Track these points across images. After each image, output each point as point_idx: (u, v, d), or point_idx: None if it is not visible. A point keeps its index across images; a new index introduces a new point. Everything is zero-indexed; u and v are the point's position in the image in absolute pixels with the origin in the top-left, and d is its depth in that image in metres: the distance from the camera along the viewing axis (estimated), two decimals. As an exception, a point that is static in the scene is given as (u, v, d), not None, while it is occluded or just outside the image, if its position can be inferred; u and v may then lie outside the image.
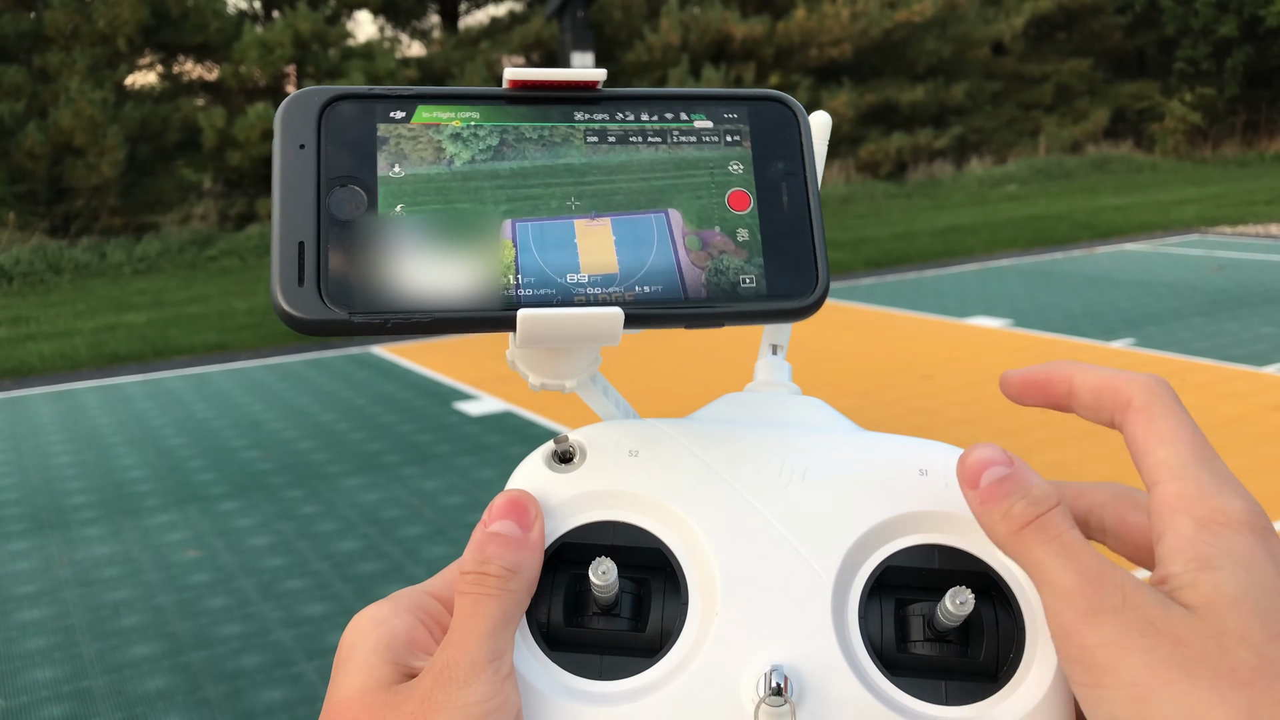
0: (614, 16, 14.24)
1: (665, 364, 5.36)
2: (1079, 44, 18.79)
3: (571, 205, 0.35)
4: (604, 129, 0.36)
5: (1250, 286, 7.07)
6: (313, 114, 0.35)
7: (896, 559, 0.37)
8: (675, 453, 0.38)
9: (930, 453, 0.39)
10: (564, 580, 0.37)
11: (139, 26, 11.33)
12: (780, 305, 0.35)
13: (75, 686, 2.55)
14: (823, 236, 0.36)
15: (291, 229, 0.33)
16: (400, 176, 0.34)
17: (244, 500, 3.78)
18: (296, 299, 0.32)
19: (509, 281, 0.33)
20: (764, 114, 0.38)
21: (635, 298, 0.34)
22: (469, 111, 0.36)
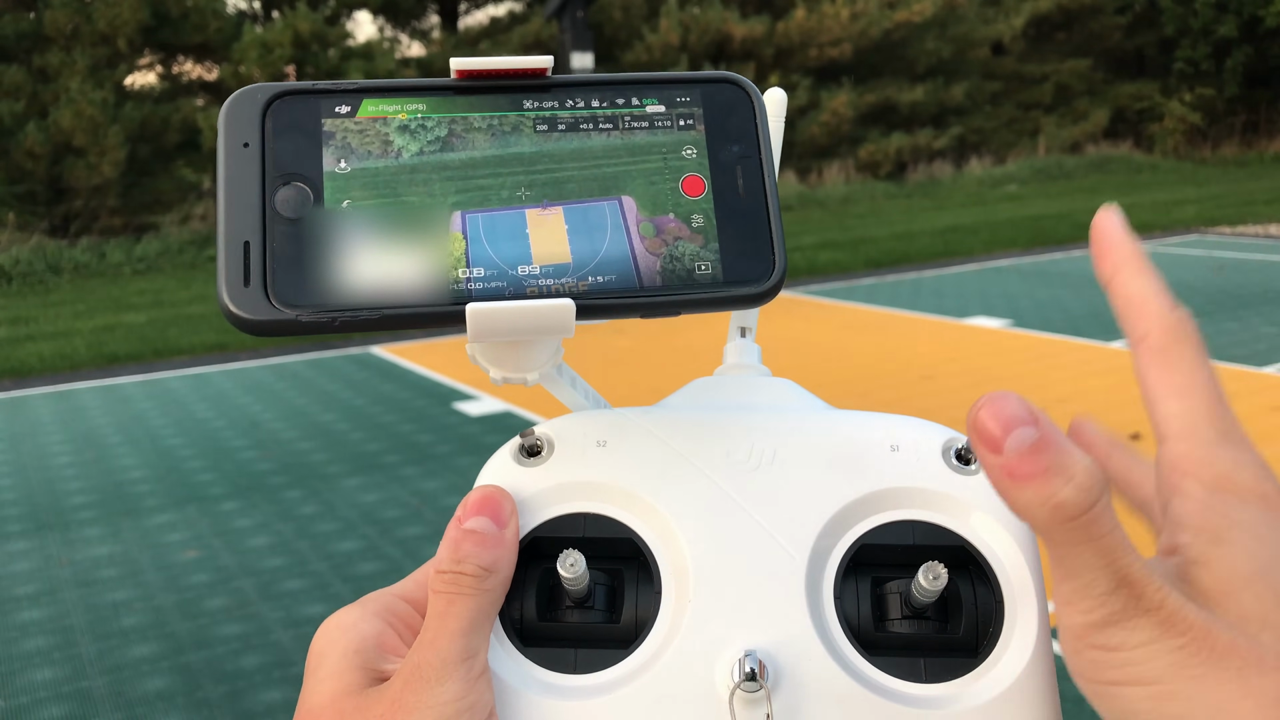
0: (613, 16, 14.24)
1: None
2: (1079, 44, 18.79)
3: (522, 195, 0.34)
4: (554, 116, 0.36)
5: (1250, 287, 7.07)
6: (256, 112, 0.34)
7: (871, 537, 0.36)
8: (643, 441, 0.38)
9: (901, 427, 0.38)
10: (536, 575, 0.36)
11: (139, 27, 11.33)
12: (737, 291, 0.34)
13: (75, 687, 2.55)
14: (779, 220, 0.36)
15: (236, 229, 0.33)
16: (347, 172, 0.34)
17: (244, 500, 3.78)
18: (242, 300, 0.32)
19: (459, 275, 0.33)
20: (717, 96, 0.37)
21: (589, 288, 0.33)
22: (415, 103, 0.35)
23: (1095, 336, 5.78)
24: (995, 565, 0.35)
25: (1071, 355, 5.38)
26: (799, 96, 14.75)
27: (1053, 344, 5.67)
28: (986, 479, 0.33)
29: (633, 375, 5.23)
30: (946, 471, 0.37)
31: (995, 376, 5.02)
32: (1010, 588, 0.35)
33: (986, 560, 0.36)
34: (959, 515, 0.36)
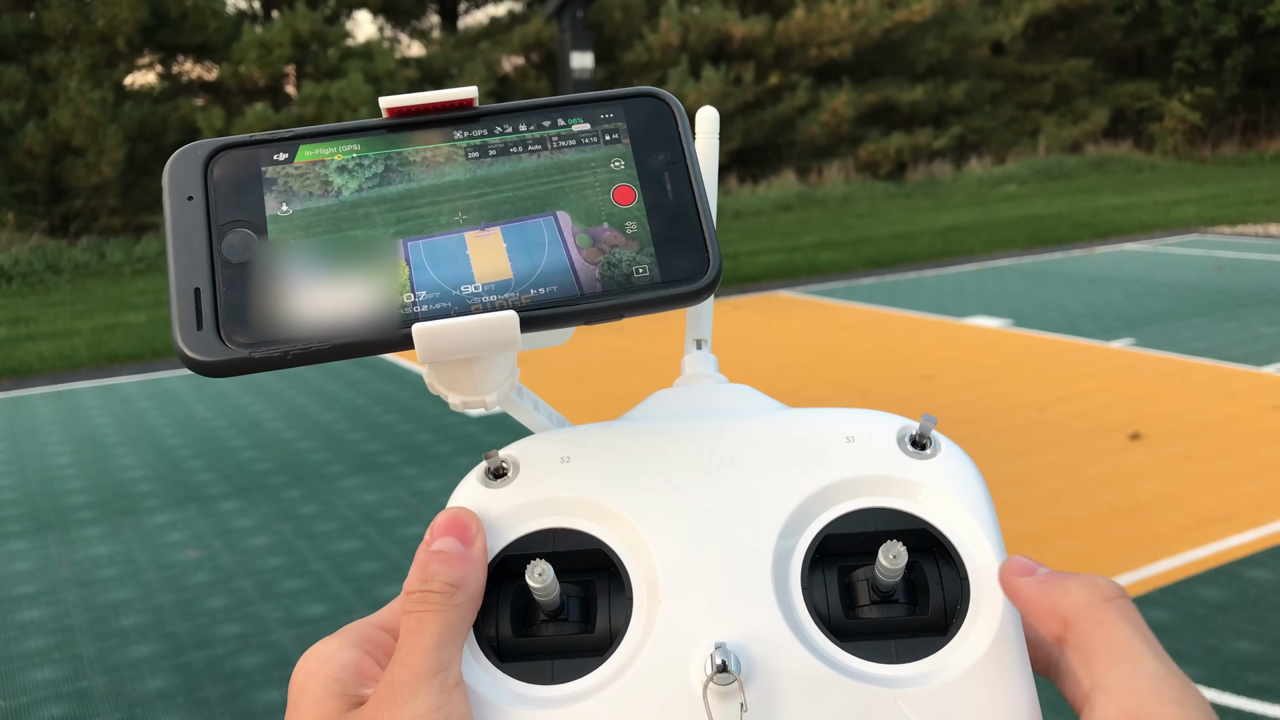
0: (614, 16, 14.24)
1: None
2: (1078, 44, 18.79)
3: (460, 219, 0.36)
4: (484, 143, 0.37)
5: (1249, 286, 7.07)
6: (198, 166, 0.36)
7: (835, 527, 0.37)
8: (606, 454, 0.39)
9: (855, 420, 0.40)
10: (509, 593, 0.37)
11: (138, 26, 11.33)
12: (675, 290, 0.35)
13: (75, 687, 2.55)
14: (711, 220, 0.37)
15: (186, 277, 0.34)
16: (289, 214, 0.35)
17: (243, 500, 3.78)
18: (196, 343, 0.33)
19: (405, 300, 0.34)
20: (639, 110, 0.38)
21: (531, 300, 0.34)
22: (350, 144, 0.37)
23: (1095, 336, 5.78)
24: (957, 543, 0.37)
25: (1071, 355, 5.38)
26: (799, 96, 14.75)
27: (1053, 344, 5.67)
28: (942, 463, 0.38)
29: (632, 375, 5.23)
30: (903, 458, 0.38)
31: (995, 376, 5.02)
32: (974, 565, 0.36)
33: (949, 539, 0.37)
34: (918, 499, 0.38)
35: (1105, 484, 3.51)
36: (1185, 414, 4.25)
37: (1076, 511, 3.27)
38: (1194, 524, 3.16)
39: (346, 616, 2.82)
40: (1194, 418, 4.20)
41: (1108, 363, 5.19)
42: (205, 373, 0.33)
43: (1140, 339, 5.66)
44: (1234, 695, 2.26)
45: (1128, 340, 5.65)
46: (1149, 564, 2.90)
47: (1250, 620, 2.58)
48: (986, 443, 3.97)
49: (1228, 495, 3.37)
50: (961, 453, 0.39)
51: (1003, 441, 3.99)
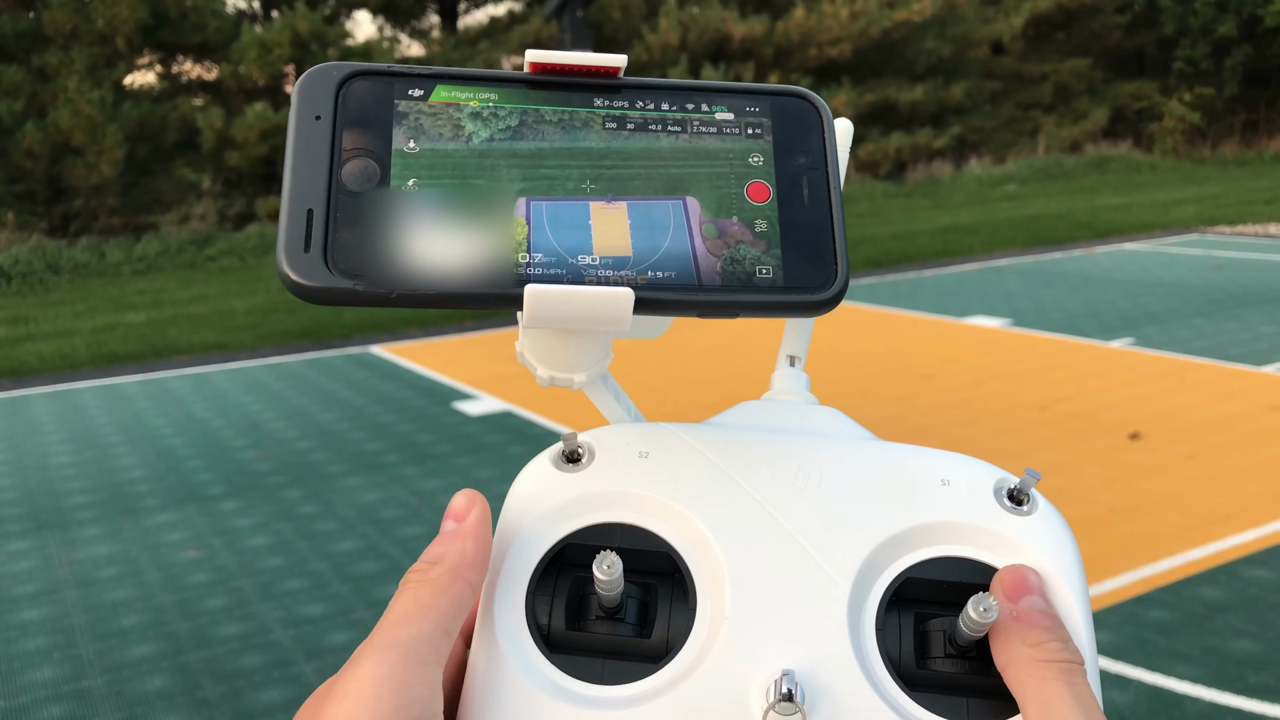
0: (613, 16, 14.23)
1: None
2: (1078, 44, 18.78)
3: (587, 187, 0.35)
4: (624, 116, 0.36)
5: (1249, 286, 7.07)
6: (330, 88, 0.34)
7: (917, 571, 0.35)
8: (686, 456, 0.38)
9: (952, 463, 0.38)
10: (567, 582, 0.36)
11: (138, 26, 11.32)
12: (797, 298, 0.34)
13: (75, 687, 2.54)
14: (843, 232, 0.36)
15: (301, 196, 0.33)
16: (415, 151, 0.34)
17: (243, 500, 3.78)
18: (301, 265, 0.32)
19: (519, 259, 0.33)
20: (787, 109, 0.37)
21: (648, 282, 0.33)
22: (488, 92, 0.35)
23: (1095, 336, 5.78)
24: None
25: (1071, 355, 5.38)
26: (798, 96, 14.73)
27: (1052, 343, 5.67)
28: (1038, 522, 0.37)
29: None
30: (998, 510, 0.36)
31: (995, 376, 5.02)
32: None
33: None
34: (1009, 555, 0.36)
35: (1105, 484, 3.51)
36: (1185, 414, 4.25)
37: (1076, 511, 3.28)
38: (1194, 524, 3.16)
39: (346, 616, 2.82)
40: (1194, 417, 4.20)
41: (1107, 362, 5.19)
42: (305, 297, 0.32)
43: (1140, 339, 5.66)
44: (1234, 695, 2.26)
45: (1127, 340, 5.65)
46: (1149, 563, 2.90)
47: (1250, 620, 2.58)
48: (986, 443, 3.97)
49: (1227, 495, 3.37)
50: (1059, 516, 0.37)
51: (1002, 441, 3.99)
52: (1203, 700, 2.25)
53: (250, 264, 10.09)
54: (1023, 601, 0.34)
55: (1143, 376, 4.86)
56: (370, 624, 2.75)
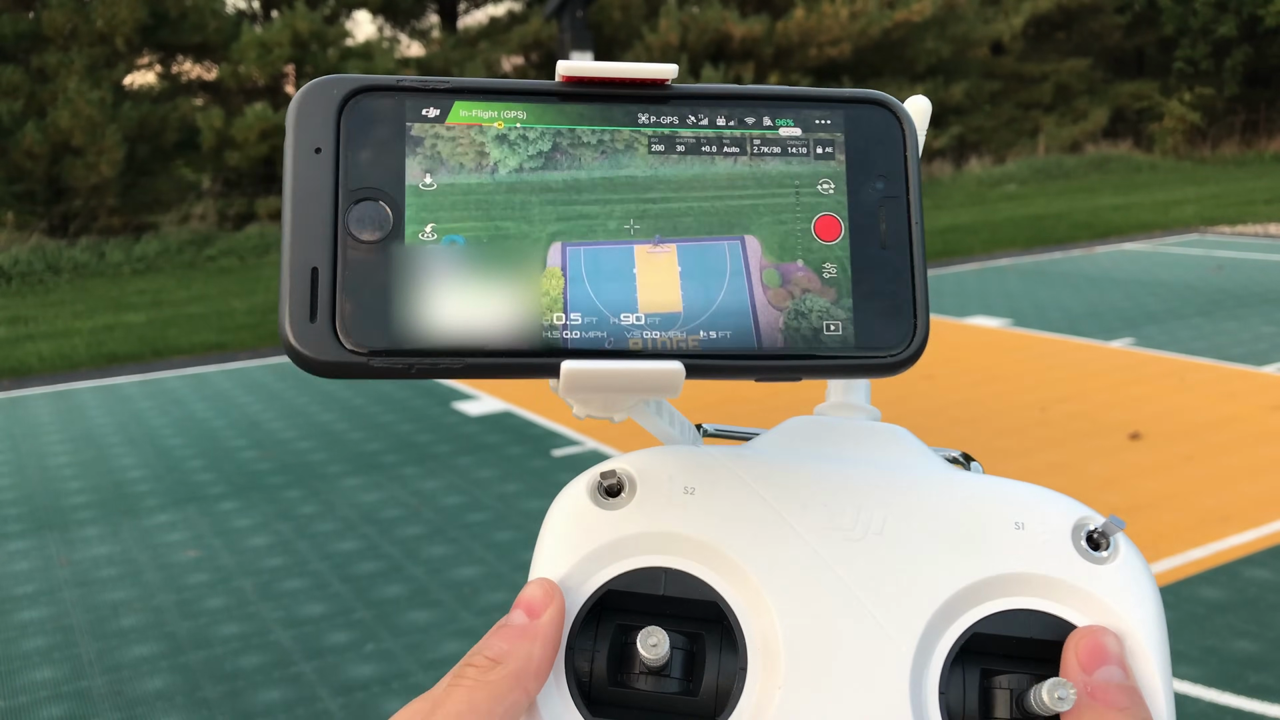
0: (613, 16, 14.23)
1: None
2: (1078, 44, 18.78)
3: (631, 228, 0.30)
4: (672, 135, 0.31)
5: (1249, 286, 7.07)
6: (331, 110, 0.29)
7: (985, 625, 0.32)
8: (736, 492, 0.34)
9: (1028, 501, 0.34)
10: (609, 631, 0.33)
11: (137, 26, 11.32)
12: (869, 359, 0.30)
13: (74, 687, 2.54)
14: (925, 277, 0.31)
15: (303, 251, 0.28)
16: (433, 188, 0.29)
17: (243, 500, 3.78)
18: (307, 336, 0.28)
19: (554, 320, 0.29)
20: (862, 120, 0.31)
21: (700, 344, 0.29)
22: (515, 109, 0.30)
23: (1095, 336, 5.78)
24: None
25: (1071, 355, 5.38)
26: (798, 96, 14.73)
27: (1052, 343, 5.67)
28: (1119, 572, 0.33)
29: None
30: (1075, 558, 0.33)
31: (995, 376, 5.02)
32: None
33: None
34: (1086, 610, 0.33)
35: (1105, 484, 3.51)
36: (1185, 414, 4.25)
37: (1076, 511, 3.27)
38: (1194, 524, 3.16)
39: (346, 617, 2.82)
40: (1194, 417, 4.20)
41: (1108, 362, 5.19)
42: (314, 372, 0.29)
43: (1140, 339, 5.66)
44: (1234, 695, 2.26)
45: (1128, 340, 5.65)
46: (1149, 563, 2.90)
47: (1250, 620, 2.58)
48: (986, 443, 3.97)
49: (1228, 495, 3.37)
50: (1142, 564, 0.34)
51: (1003, 441, 3.99)
52: (1203, 700, 2.25)
53: (250, 264, 10.09)
54: (1098, 673, 0.31)
55: (1143, 376, 4.86)
56: (370, 624, 2.75)
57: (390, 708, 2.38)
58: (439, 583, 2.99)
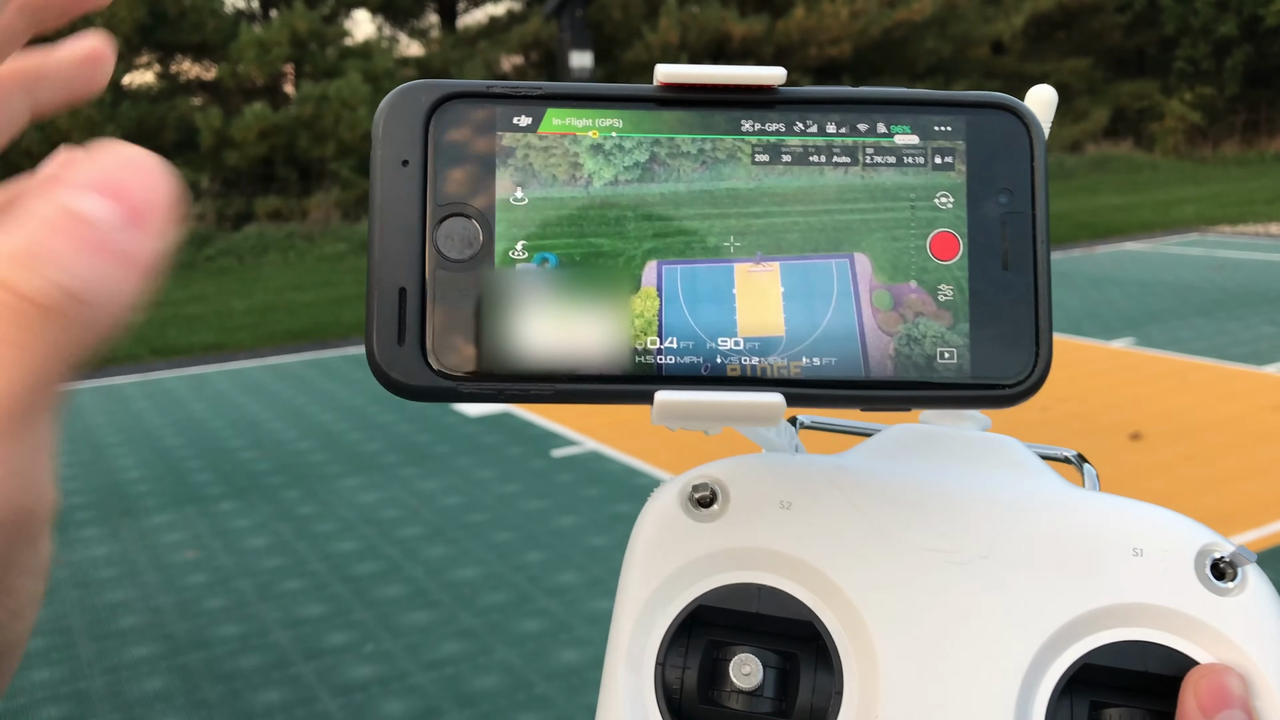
0: (613, 16, 14.23)
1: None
2: (1079, 43, 18.78)
3: (731, 245, 0.28)
4: (778, 144, 0.29)
5: (1250, 286, 7.07)
6: (419, 119, 0.28)
7: (1096, 656, 0.31)
8: (835, 508, 0.32)
9: (1148, 524, 0.32)
10: (700, 646, 0.32)
11: (136, 25, 11.32)
12: (986, 390, 0.28)
13: (73, 688, 2.54)
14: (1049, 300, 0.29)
15: (391, 272, 0.27)
16: (524, 203, 0.28)
17: (242, 501, 3.77)
18: (396, 360, 0.27)
19: (648, 344, 0.28)
20: (986, 127, 0.30)
21: (803, 371, 0.28)
22: (610, 118, 0.28)
23: (1096, 336, 5.78)
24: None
25: (1071, 355, 5.37)
26: (798, 95, 14.74)
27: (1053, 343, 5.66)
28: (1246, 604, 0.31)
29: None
30: (1197, 587, 0.31)
31: (995, 376, 5.02)
32: None
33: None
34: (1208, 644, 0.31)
35: (1106, 484, 3.47)
36: (1186, 414, 4.24)
37: (1077, 511, 3.27)
38: (1195, 524, 3.15)
39: (345, 617, 2.81)
40: (1195, 417, 4.19)
41: (1108, 362, 5.18)
42: (404, 396, 0.28)
43: (1141, 338, 5.65)
44: (1236, 696, 2.26)
45: (1128, 340, 5.65)
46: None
47: (1252, 621, 2.57)
48: (987, 442, 3.96)
49: (1228, 495, 3.37)
50: (1273, 596, 0.32)
51: (1003, 441, 3.99)
52: (1205, 702, 2.25)
53: (249, 264, 10.08)
54: (1220, 717, 0.29)
55: (1143, 376, 4.86)
56: (370, 624, 2.75)
57: (390, 708, 2.38)
58: (438, 583, 2.99)
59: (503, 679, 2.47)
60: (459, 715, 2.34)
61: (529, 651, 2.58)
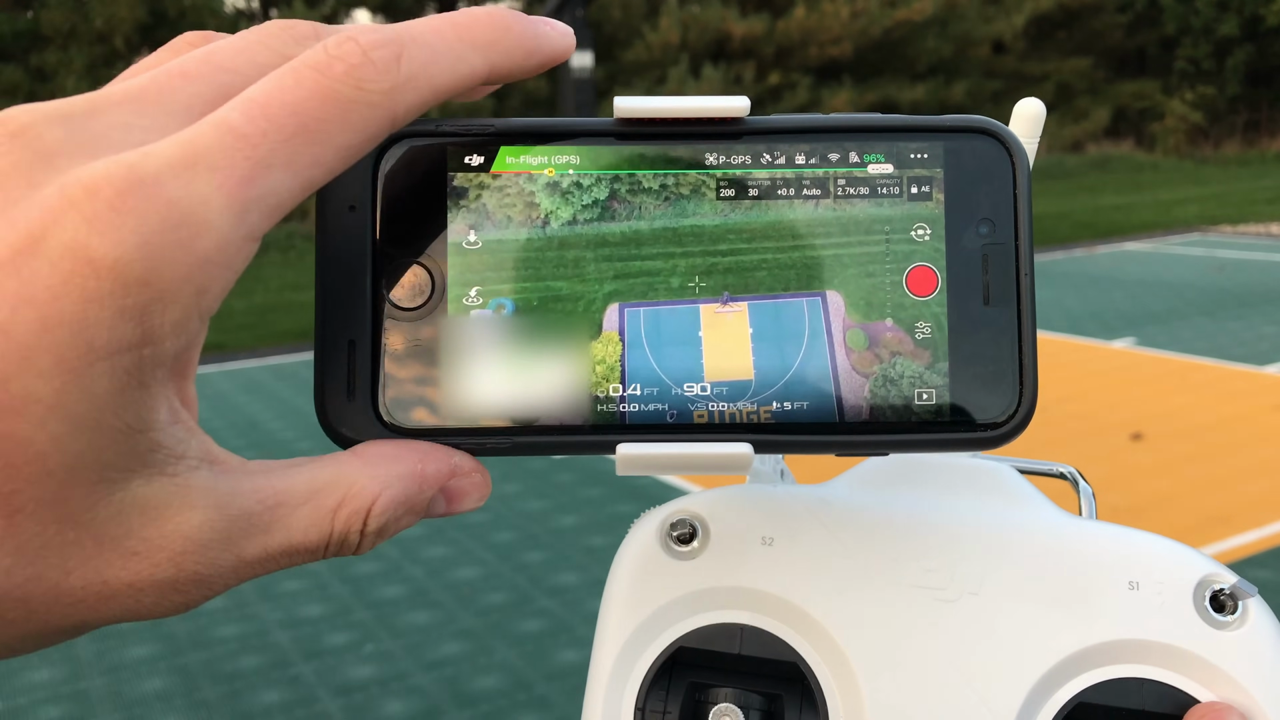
0: (613, 16, 14.23)
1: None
2: (1080, 43, 18.78)
3: (697, 285, 0.27)
4: (744, 177, 0.27)
5: (1252, 286, 7.06)
6: (367, 162, 0.27)
7: (1091, 695, 0.30)
8: (819, 544, 0.31)
9: (1145, 555, 0.31)
10: (681, 688, 0.31)
11: (136, 25, 11.33)
12: (967, 432, 0.27)
13: (73, 688, 2.54)
14: (1034, 336, 0.27)
15: (339, 323, 0.26)
16: (478, 247, 0.27)
17: (242, 500, 3.77)
18: (346, 415, 0.27)
19: (610, 391, 0.27)
20: (965, 153, 0.27)
21: (773, 416, 0.27)
22: (567, 154, 0.27)
23: (1096, 336, 5.78)
24: None
25: (1072, 355, 5.37)
26: (799, 95, 14.74)
27: (1053, 343, 5.66)
28: (1246, 639, 0.30)
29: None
30: (1196, 622, 0.30)
31: (996, 376, 5.02)
32: None
33: None
34: (1207, 680, 0.30)
35: (1107, 484, 3.50)
36: (1187, 414, 4.24)
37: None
38: (1195, 524, 3.15)
39: (345, 617, 2.81)
40: (1196, 418, 4.19)
41: (1109, 362, 5.18)
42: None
43: (1142, 339, 5.65)
44: (1237, 697, 2.26)
45: (1129, 340, 5.64)
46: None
47: (1253, 621, 2.57)
48: (987, 443, 3.96)
49: (1229, 495, 3.36)
50: (1275, 628, 0.31)
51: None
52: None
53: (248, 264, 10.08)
54: None
55: (1144, 377, 4.85)
56: (369, 626, 2.75)
57: (390, 709, 2.38)
58: (438, 583, 2.99)
59: (503, 679, 2.47)
60: (459, 715, 2.34)
61: (529, 651, 2.58)
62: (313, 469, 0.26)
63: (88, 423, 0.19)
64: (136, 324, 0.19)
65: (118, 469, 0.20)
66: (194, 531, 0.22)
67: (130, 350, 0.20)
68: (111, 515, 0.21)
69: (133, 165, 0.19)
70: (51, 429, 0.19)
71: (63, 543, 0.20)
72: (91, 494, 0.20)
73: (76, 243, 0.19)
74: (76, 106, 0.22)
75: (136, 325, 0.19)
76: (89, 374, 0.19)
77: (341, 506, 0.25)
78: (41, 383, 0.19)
